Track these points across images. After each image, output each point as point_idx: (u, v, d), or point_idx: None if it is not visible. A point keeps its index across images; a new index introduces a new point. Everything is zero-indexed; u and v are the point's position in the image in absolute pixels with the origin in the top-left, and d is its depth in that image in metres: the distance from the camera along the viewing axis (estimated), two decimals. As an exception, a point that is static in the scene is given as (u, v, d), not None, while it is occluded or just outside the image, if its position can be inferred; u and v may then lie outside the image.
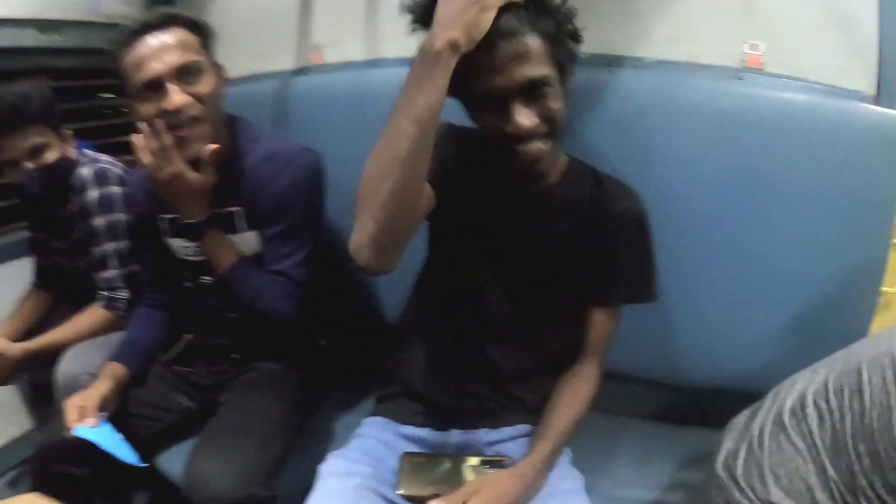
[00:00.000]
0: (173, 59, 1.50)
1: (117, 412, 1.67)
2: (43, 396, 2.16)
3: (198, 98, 1.53)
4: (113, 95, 2.96)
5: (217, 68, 1.64)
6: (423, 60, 1.09)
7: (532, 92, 1.16)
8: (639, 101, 1.63)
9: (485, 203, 1.40)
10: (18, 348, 2.02)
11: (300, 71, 2.35)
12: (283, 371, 1.80)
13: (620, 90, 1.64)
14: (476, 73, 1.15)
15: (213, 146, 1.55)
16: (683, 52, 1.65)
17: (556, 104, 1.19)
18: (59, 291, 2.38)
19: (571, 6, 1.21)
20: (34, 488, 1.58)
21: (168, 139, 1.49)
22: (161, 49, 1.50)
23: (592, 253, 1.39)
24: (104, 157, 2.17)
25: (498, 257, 1.42)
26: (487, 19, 1.08)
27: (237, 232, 1.68)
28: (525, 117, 1.16)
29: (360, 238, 1.14)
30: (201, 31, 1.61)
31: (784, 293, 1.59)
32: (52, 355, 2.00)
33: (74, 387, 1.73)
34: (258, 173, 1.65)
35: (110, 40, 2.63)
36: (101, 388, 1.63)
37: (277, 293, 1.64)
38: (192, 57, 1.54)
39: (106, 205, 2.01)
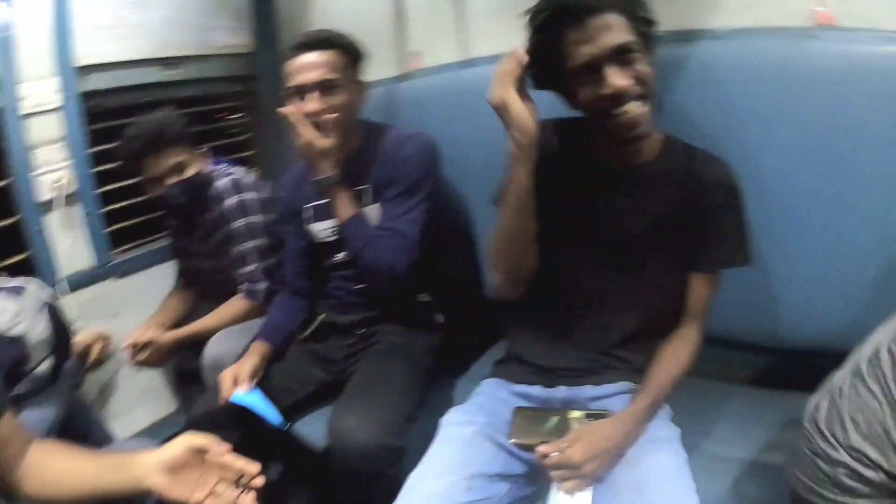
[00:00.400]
0: (315, 74, 1.78)
1: (262, 384, 1.87)
2: (187, 380, 2.44)
3: (331, 107, 1.79)
4: (235, 115, 3.25)
5: (358, 84, 1.91)
6: (514, 152, 1.35)
7: (621, 56, 1.25)
8: (717, 71, 1.63)
9: (586, 184, 1.47)
10: (169, 335, 2.26)
11: (402, 77, 2.49)
12: (407, 342, 1.94)
13: (699, 62, 1.65)
14: (570, 50, 1.27)
15: (332, 115, 1.78)
16: (755, 18, 1.64)
17: (644, 68, 1.27)
18: (200, 290, 2.61)
19: None
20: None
21: (300, 117, 1.77)
22: (308, 65, 1.79)
23: (689, 222, 1.43)
24: (236, 168, 2.40)
25: (600, 233, 1.47)
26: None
27: (368, 203, 1.89)
28: (619, 77, 1.25)
29: (499, 283, 1.54)
30: (349, 53, 1.86)
31: (876, 246, 1.53)
32: (198, 342, 2.23)
33: (220, 367, 1.93)
34: (383, 155, 1.89)
35: (223, 68, 2.98)
36: (250, 360, 1.87)
37: (388, 244, 1.81)
38: (332, 75, 1.80)
39: (243, 209, 2.24)
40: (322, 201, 1.93)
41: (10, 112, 2.29)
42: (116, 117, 2.62)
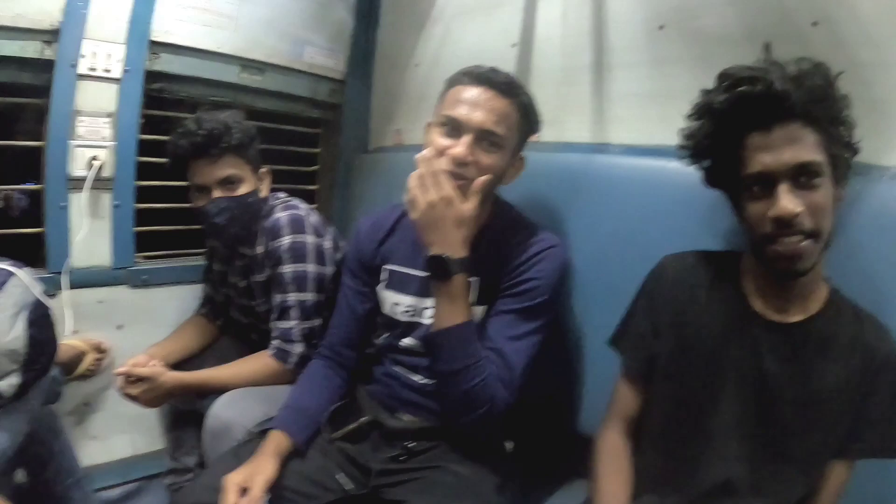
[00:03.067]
0: (484, 117, 1.38)
1: (273, 486, 1.35)
2: (181, 421, 2.01)
3: (485, 166, 1.39)
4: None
5: (518, 157, 1.52)
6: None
7: (801, 177, 1.04)
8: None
9: (731, 337, 1.18)
10: (172, 378, 1.74)
11: None
12: (474, 476, 1.43)
13: (871, 200, 1.29)
14: (748, 154, 1.07)
15: (484, 178, 1.37)
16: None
17: (824, 200, 1.05)
18: (224, 326, 2.15)
19: (849, 114, 1.09)
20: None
21: (444, 164, 1.35)
22: (481, 103, 1.39)
23: (850, 401, 1.13)
24: (303, 204, 1.96)
25: (741, 399, 1.17)
26: None
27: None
28: (791, 201, 1.03)
29: None
30: (528, 118, 1.49)
31: None
32: (205, 392, 1.74)
33: (226, 436, 1.55)
34: (506, 251, 1.45)
35: (308, 88, 2.52)
36: (265, 470, 1.34)
37: (493, 372, 1.35)
38: (501, 129, 1.40)
39: (297, 254, 1.81)
40: (408, 270, 1.54)
41: (64, 65, 1.93)
42: (176, 108, 2.30)
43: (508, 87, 1.41)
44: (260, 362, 1.78)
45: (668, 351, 1.22)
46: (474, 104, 1.38)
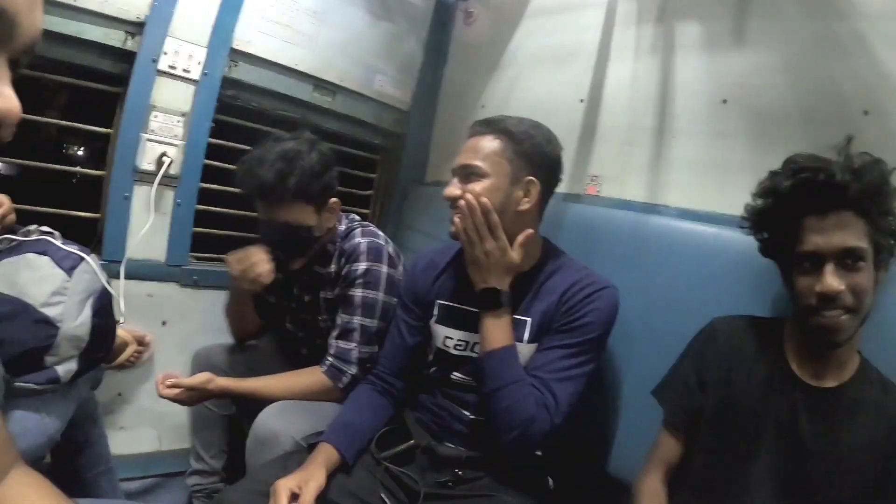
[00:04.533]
0: (460, 159, 1.47)
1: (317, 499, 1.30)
2: (211, 424, 1.94)
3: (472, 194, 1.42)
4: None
5: (519, 178, 1.46)
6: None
7: (847, 259, 1.12)
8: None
9: (771, 397, 1.23)
10: (219, 388, 1.65)
11: (573, 197, 2.06)
12: None
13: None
14: (804, 233, 1.15)
15: (529, 231, 1.44)
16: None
17: (865, 281, 1.12)
18: (271, 324, 2.05)
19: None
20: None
21: (493, 219, 1.40)
22: (470, 148, 1.47)
23: (871, 460, 1.16)
24: (381, 232, 1.87)
25: (779, 454, 1.20)
26: None
27: (521, 341, 1.45)
28: (835, 279, 1.11)
29: None
30: (505, 136, 1.46)
31: None
32: (251, 401, 1.66)
33: (273, 445, 1.49)
34: (559, 293, 1.46)
35: (374, 115, 2.51)
36: (318, 478, 1.31)
37: (534, 395, 1.35)
38: (468, 161, 1.45)
39: (371, 280, 1.75)
40: (460, 306, 1.54)
41: (145, 58, 1.91)
42: (247, 118, 2.25)
43: (489, 123, 1.47)
44: (312, 377, 1.71)
45: (713, 405, 1.27)
46: (463, 151, 1.47)
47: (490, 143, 1.44)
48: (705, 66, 1.76)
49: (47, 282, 1.30)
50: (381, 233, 1.85)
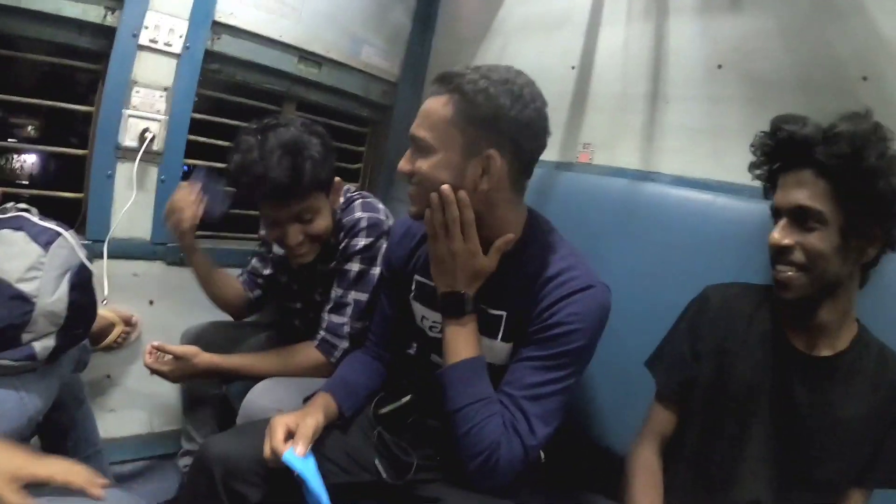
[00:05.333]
0: (414, 126, 1.22)
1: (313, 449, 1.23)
2: (200, 403, 1.91)
3: (418, 172, 1.21)
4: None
5: (475, 151, 1.17)
6: None
7: (800, 218, 1.11)
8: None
9: (765, 365, 1.22)
10: (205, 362, 1.61)
11: (565, 165, 2.01)
12: None
13: None
14: (776, 190, 1.18)
15: (509, 236, 1.23)
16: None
17: (820, 244, 1.10)
18: (256, 302, 1.98)
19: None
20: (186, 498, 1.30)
21: (468, 217, 1.18)
22: (422, 113, 1.21)
23: (870, 431, 1.16)
24: (381, 205, 1.79)
25: (771, 421, 1.20)
26: None
27: (494, 338, 1.27)
28: (782, 233, 1.13)
29: None
30: (474, 115, 1.15)
31: None
32: (238, 378, 1.64)
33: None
34: (540, 287, 1.22)
35: (362, 87, 2.45)
36: (314, 416, 1.24)
37: (506, 418, 1.17)
38: (414, 131, 1.21)
39: (368, 256, 1.68)
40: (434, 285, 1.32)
41: (125, 34, 1.85)
42: (231, 92, 2.21)
43: (444, 79, 1.19)
44: (304, 352, 1.66)
45: (707, 375, 1.24)
46: (417, 116, 1.22)
47: (441, 109, 1.17)
48: (700, 31, 1.71)
49: (22, 257, 1.25)
50: (381, 205, 1.78)
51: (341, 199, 1.75)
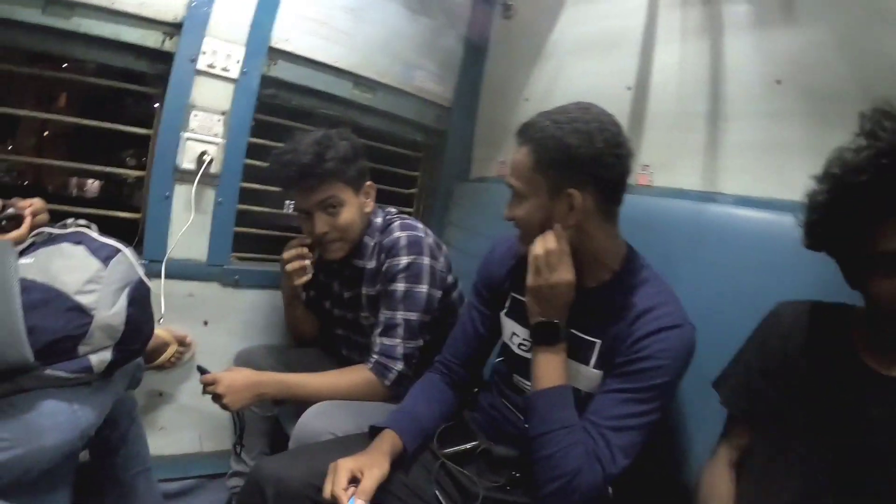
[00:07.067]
0: (509, 176, 1.34)
1: None
2: (251, 426, 1.84)
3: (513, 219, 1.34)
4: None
5: (556, 192, 1.27)
6: None
7: None
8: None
9: (835, 384, 1.13)
10: (268, 376, 1.65)
11: None
12: None
13: None
14: (887, 231, 0.98)
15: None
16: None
17: None
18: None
19: None
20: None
21: (549, 247, 1.27)
22: (511, 163, 1.34)
23: None
24: (419, 223, 1.83)
25: (844, 443, 1.10)
26: None
27: (587, 364, 1.31)
28: None
29: None
30: (550, 160, 1.25)
31: None
32: (293, 398, 1.65)
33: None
34: (633, 320, 1.26)
35: (415, 112, 2.48)
36: (382, 466, 1.25)
37: (584, 449, 1.19)
38: (508, 180, 1.33)
39: (413, 273, 1.71)
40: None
41: (183, 59, 1.90)
42: (287, 117, 2.23)
43: (522, 131, 1.32)
44: (358, 375, 1.66)
45: (777, 395, 1.17)
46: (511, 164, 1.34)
47: (523, 159, 1.28)
48: (755, 46, 1.66)
49: (81, 270, 1.27)
50: (419, 224, 1.81)
51: (378, 220, 1.82)
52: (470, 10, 2.56)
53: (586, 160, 1.21)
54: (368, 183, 1.81)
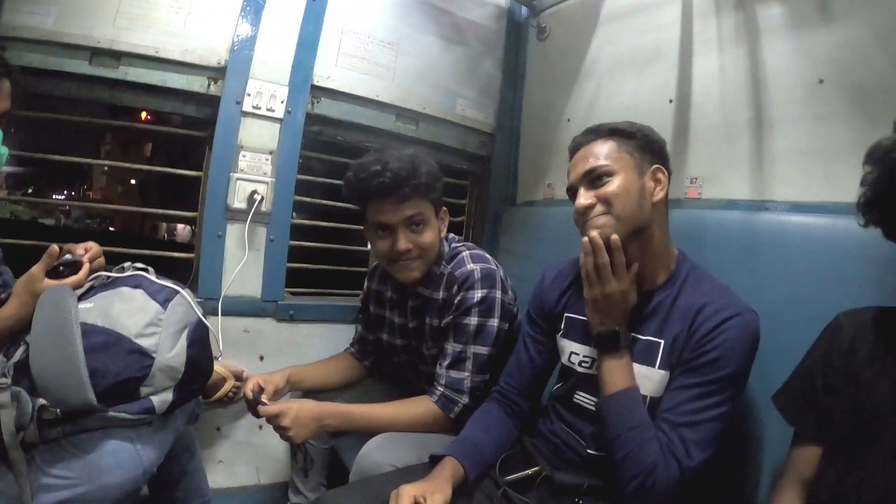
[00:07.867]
0: (581, 167, 1.38)
1: None
2: (309, 457, 1.80)
3: (602, 199, 1.34)
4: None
5: (642, 174, 1.37)
6: None
7: None
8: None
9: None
10: (328, 406, 1.63)
11: (672, 203, 1.91)
12: None
13: None
14: None
15: (635, 266, 1.34)
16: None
17: None
18: (373, 366, 2.04)
19: None
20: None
21: (619, 259, 1.31)
22: (584, 156, 1.39)
23: None
24: (488, 255, 1.80)
25: None
26: None
27: (652, 365, 1.32)
28: None
29: None
30: (634, 143, 1.38)
31: None
32: (355, 428, 1.64)
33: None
34: (694, 316, 1.30)
35: (459, 140, 2.50)
36: (444, 492, 1.26)
37: (658, 445, 1.21)
38: (591, 165, 1.36)
39: (487, 308, 1.68)
40: (586, 319, 1.42)
41: (229, 101, 1.97)
42: (333, 152, 2.29)
43: (591, 130, 1.41)
44: (422, 406, 1.65)
45: (843, 409, 1.11)
46: (577, 163, 1.39)
47: (603, 146, 1.36)
48: (794, 47, 1.63)
49: (142, 313, 1.31)
50: (488, 255, 1.78)
51: (445, 248, 1.78)
52: (504, 36, 2.59)
53: (661, 147, 1.41)
54: (444, 209, 1.79)
